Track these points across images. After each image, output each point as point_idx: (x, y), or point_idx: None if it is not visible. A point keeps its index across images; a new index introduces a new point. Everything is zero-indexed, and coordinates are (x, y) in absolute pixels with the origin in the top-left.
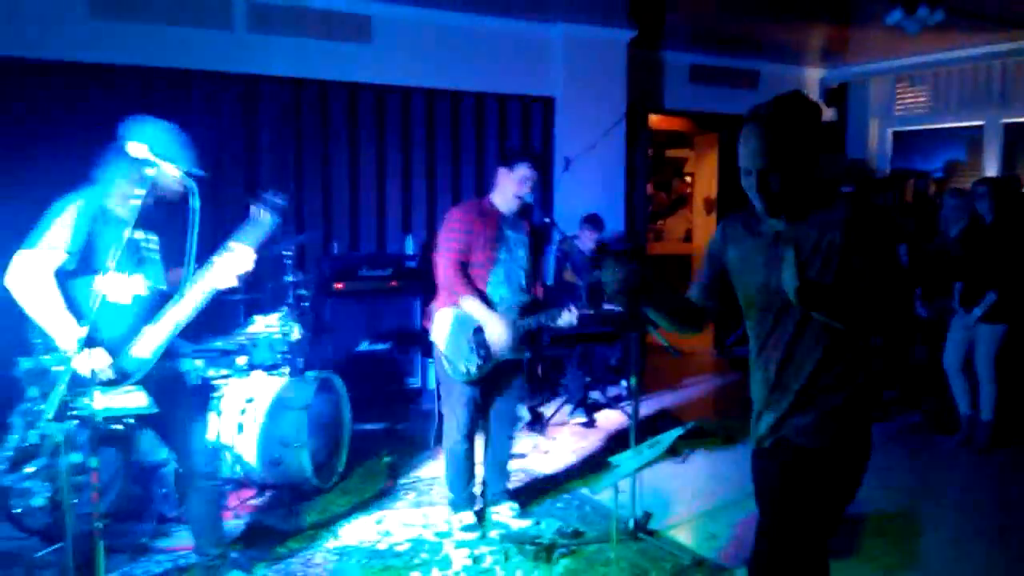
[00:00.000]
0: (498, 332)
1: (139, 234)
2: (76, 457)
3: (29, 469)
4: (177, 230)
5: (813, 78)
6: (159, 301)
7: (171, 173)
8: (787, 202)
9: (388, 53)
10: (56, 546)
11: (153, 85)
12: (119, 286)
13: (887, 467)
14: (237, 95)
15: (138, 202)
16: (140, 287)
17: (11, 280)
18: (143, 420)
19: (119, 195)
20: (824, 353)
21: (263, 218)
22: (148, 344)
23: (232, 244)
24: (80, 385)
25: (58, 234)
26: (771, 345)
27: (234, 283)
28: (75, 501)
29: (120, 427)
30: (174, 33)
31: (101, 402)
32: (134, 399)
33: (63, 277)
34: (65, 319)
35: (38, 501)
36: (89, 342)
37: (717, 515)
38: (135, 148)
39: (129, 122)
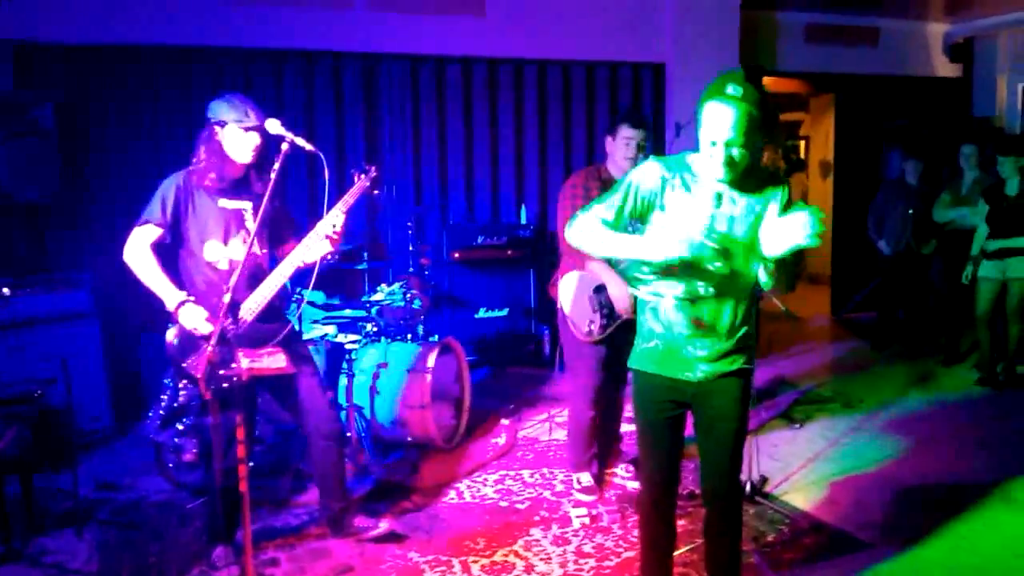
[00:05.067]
0: (620, 291)
1: (234, 203)
2: (221, 415)
3: (179, 427)
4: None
5: (936, 33)
6: (261, 266)
7: (238, 130)
8: (740, 172)
9: (501, 26)
10: (204, 498)
11: (279, 66)
12: (222, 253)
13: None
14: (357, 73)
15: (219, 171)
16: (239, 253)
17: (125, 254)
18: (264, 381)
19: (204, 165)
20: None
21: (359, 181)
22: (253, 305)
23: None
24: (225, 347)
25: (153, 210)
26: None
27: (328, 247)
28: (221, 456)
29: (226, 385)
30: (300, 14)
31: (245, 363)
32: (275, 360)
33: (172, 249)
34: (165, 286)
35: (187, 456)
36: (232, 307)
37: (836, 481)
38: (211, 114)
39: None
